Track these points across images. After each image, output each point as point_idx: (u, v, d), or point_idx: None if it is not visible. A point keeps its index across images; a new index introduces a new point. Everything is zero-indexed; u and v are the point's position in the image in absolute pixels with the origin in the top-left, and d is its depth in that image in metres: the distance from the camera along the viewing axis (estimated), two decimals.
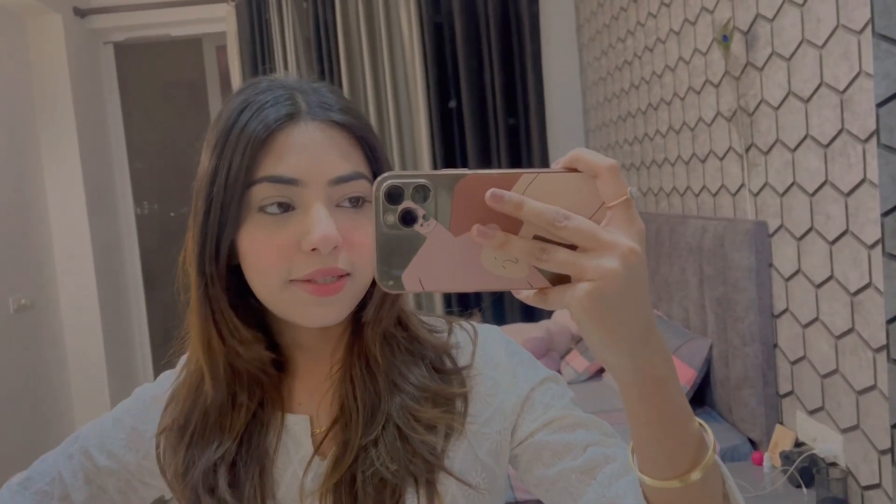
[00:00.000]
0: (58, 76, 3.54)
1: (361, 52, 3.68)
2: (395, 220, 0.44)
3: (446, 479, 0.69)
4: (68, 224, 3.61)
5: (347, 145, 0.68)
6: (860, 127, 1.56)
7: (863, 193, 1.57)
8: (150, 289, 4.17)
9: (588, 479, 0.66)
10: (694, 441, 0.51)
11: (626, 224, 0.44)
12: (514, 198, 0.43)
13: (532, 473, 0.71)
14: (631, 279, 0.43)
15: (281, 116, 0.65)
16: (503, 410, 0.73)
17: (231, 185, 0.64)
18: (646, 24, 2.83)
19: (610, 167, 0.44)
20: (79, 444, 0.80)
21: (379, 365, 0.72)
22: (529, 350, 3.00)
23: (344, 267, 0.65)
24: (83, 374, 3.66)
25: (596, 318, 0.44)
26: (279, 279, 0.65)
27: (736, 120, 2.13)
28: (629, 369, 0.47)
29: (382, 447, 0.68)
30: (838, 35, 1.61)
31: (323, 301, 0.65)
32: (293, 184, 0.64)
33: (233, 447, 0.71)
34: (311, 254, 0.64)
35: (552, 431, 0.70)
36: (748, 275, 2.03)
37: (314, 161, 0.65)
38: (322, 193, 0.65)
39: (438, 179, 0.44)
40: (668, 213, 2.78)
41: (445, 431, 0.70)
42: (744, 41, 2.05)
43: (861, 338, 1.61)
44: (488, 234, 0.44)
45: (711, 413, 2.35)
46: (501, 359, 0.76)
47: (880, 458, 1.58)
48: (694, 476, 0.51)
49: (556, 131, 3.88)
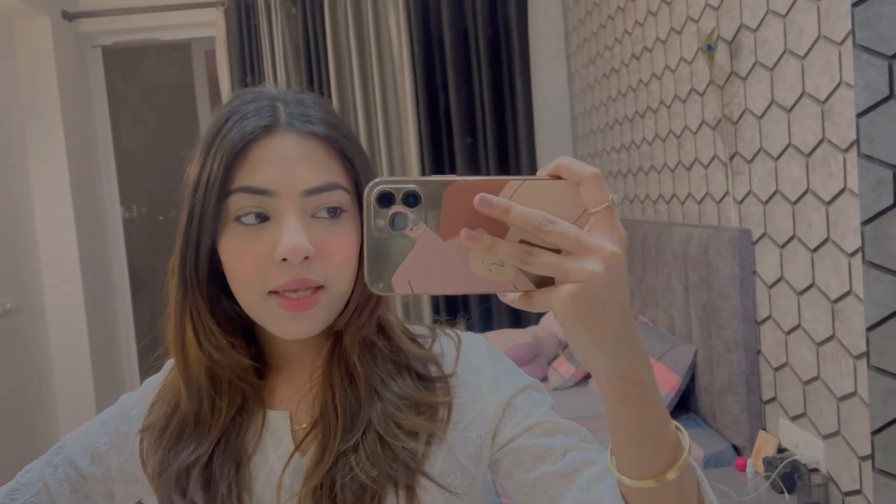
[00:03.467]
0: (45, 79, 3.53)
1: (350, 58, 3.69)
2: (385, 225, 0.46)
3: (426, 483, 0.70)
4: (55, 227, 3.59)
5: (325, 157, 0.68)
6: (841, 137, 1.58)
7: (843, 202, 1.59)
8: (137, 293, 4.15)
9: (567, 482, 0.67)
10: (670, 442, 0.53)
11: (608, 229, 0.46)
12: (501, 203, 0.45)
13: (513, 478, 0.72)
14: (613, 282, 0.45)
15: (258, 127, 0.66)
16: (484, 416, 0.74)
17: (209, 194, 0.66)
18: (633, 33, 2.86)
19: (593, 175, 0.46)
20: (63, 453, 0.81)
21: (359, 372, 0.73)
22: (517, 356, 3.03)
23: (317, 279, 0.66)
24: (69, 379, 3.64)
25: (579, 320, 0.46)
26: (257, 290, 0.66)
27: (720, 128, 2.15)
28: (610, 370, 0.49)
29: (363, 453, 0.69)
30: (820, 46, 1.63)
31: (296, 316, 0.66)
32: (266, 194, 0.65)
33: (208, 451, 0.72)
34: (283, 265, 0.64)
35: (533, 437, 0.71)
36: (732, 282, 2.05)
37: (288, 172, 0.66)
38: (295, 204, 0.65)
39: (428, 185, 0.46)
40: (654, 220, 2.80)
41: (427, 438, 0.71)
42: (728, 51, 2.07)
43: (842, 345, 1.63)
44: (476, 237, 0.46)
45: (696, 419, 2.37)
46: (484, 366, 0.77)
47: (861, 465, 1.60)
48: (670, 476, 0.53)
49: (544, 138, 3.90)
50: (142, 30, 3.84)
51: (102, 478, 0.79)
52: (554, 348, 3.20)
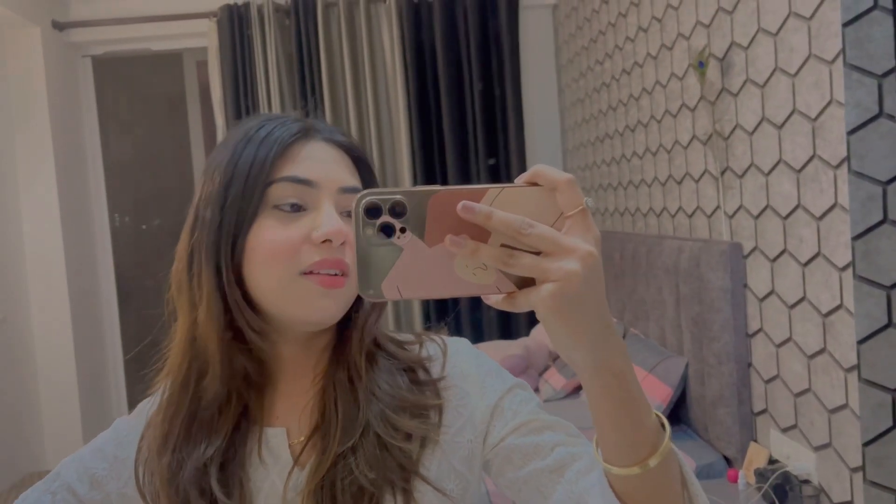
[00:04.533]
0: (35, 89, 3.51)
1: (343, 69, 3.71)
2: (374, 234, 0.49)
3: (422, 486, 0.72)
4: (42, 237, 3.57)
5: (351, 164, 0.78)
6: (831, 153, 1.61)
7: (834, 218, 1.62)
8: (124, 302, 4.12)
9: (557, 477, 0.70)
10: (652, 430, 0.57)
11: (584, 231, 0.49)
12: (483, 209, 0.48)
13: (504, 476, 0.75)
14: (590, 279, 0.48)
15: (301, 130, 0.75)
16: (473, 420, 0.77)
17: (252, 184, 0.70)
18: (624, 48, 2.89)
19: (567, 181, 0.49)
20: (60, 480, 0.80)
21: (360, 377, 0.75)
22: (508, 367, 3.04)
23: (349, 261, 0.71)
24: (54, 389, 3.60)
25: (560, 316, 0.49)
26: (289, 271, 0.70)
27: (711, 143, 2.18)
28: (590, 363, 0.52)
29: (361, 455, 0.71)
30: (810, 64, 1.67)
31: (328, 293, 0.70)
32: (309, 185, 0.72)
33: (222, 447, 0.73)
34: (322, 246, 0.70)
35: (521, 435, 0.74)
36: (723, 295, 2.08)
37: (328, 169, 0.74)
38: (332, 197, 0.73)
39: (413, 195, 0.49)
40: (644, 233, 2.83)
41: (421, 441, 0.74)
42: (719, 68, 2.11)
43: (833, 358, 1.66)
44: (461, 243, 0.48)
45: (687, 431, 2.39)
46: (470, 370, 0.80)
47: (852, 476, 1.62)
48: (652, 462, 0.56)
49: (535, 150, 3.93)
50: (133, 40, 3.84)
51: (101, 502, 0.79)
52: (545, 359, 3.21)
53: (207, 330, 0.72)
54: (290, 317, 0.72)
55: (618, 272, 2.96)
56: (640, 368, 2.48)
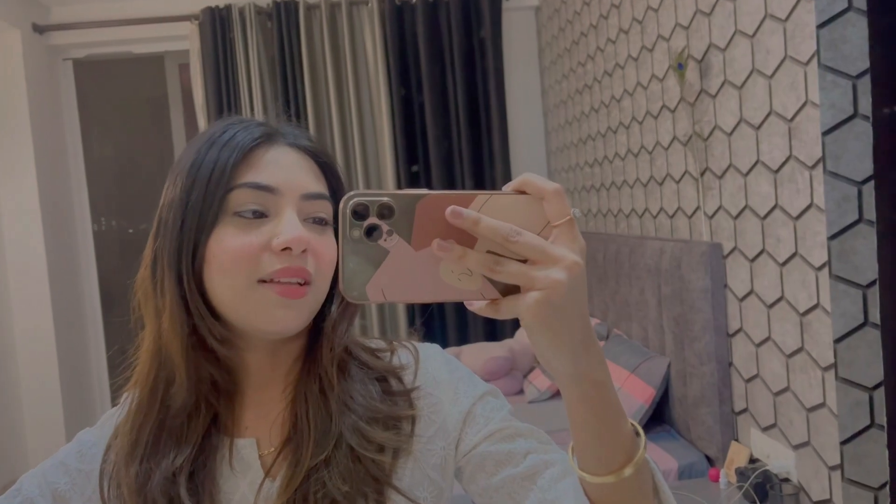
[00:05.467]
0: (15, 92, 3.48)
1: (326, 72, 3.70)
2: (360, 235, 0.48)
3: (396, 496, 0.71)
4: (23, 241, 3.54)
5: (316, 169, 0.76)
6: (807, 154, 1.62)
7: (810, 217, 1.63)
8: (108, 307, 4.09)
9: (529, 484, 0.70)
10: (627, 440, 0.57)
11: (570, 241, 0.49)
12: (471, 215, 0.48)
13: (476, 483, 0.75)
14: (574, 289, 0.48)
15: (264, 134, 0.73)
16: (446, 427, 0.76)
17: (212, 190, 0.69)
18: (605, 50, 2.91)
19: (555, 191, 0.49)
20: (22, 495, 0.77)
21: (332, 387, 0.74)
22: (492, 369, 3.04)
23: (309, 269, 0.70)
24: (36, 395, 3.57)
25: (544, 324, 0.49)
26: (247, 278, 0.68)
27: (691, 145, 2.19)
28: (571, 371, 0.52)
29: (335, 468, 0.70)
30: (786, 66, 1.68)
31: (288, 304, 0.69)
32: (270, 191, 0.70)
33: (191, 456, 0.72)
34: (282, 254, 0.68)
35: (493, 442, 0.74)
36: (704, 295, 2.09)
37: (290, 175, 0.72)
38: (295, 204, 0.71)
39: (401, 198, 0.48)
40: (627, 234, 2.84)
41: (394, 451, 0.73)
42: (698, 69, 2.12)
43: (810, 357, 1.67)
44: (448, 247, 0.48)
45: (670, 431, 2.40)
46: (443, 376, 0.80)
47: (830, 474, 1.63)
48: (627, 471, 0.57)
49: (519, 153, 3.94)
50: (114, 43, 3.81)
51: None
52: (529, 361, 3.22)
53: (171, 338, 0.71)
54: (249, 326, 0.70)
55: (601, 273, 2.97)
56: (622, 369, 2.49)
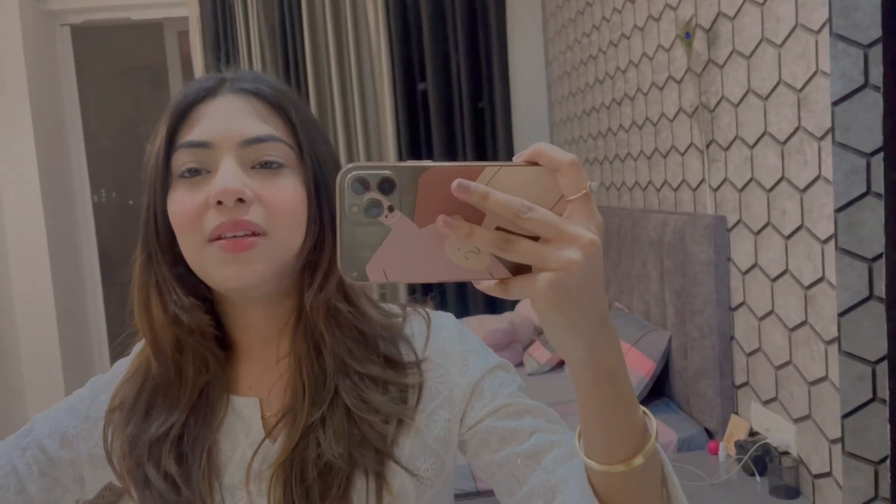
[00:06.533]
0: (12, 59, 3.43)
1: (327, 39, 3.65)
2: (359, 211, 0.45)
3: (395, 467, 0.70)
4: (22, 212, 3.51)
5: (265, 112, 0.71)
6: (816, 125, 1.60)
7: (817, 190, 1.61)
8: (108, 278, 4.09)
9: (533, 463, 0.68)
10: (638, 428, 0.54)
11: (586, 217, 0.45)
12: (480, 188, 0.44)
13: (479, 458, 0.73)
14: (590, 270, 0.45)
15: (201, 90, 0.70)
16: (452, 399, 0.74)
17: (158, 157, 0.69)
18: (611, 20, 2.86)
19: (571, 162, 0.45)
20: (32, 436, 0.79)
21: (325, 341, 0.72)
22: (492, 342, 3.03)
23: (255, 221, 0.66)
24: (37, 365, 3.58)
25: (556, 307, 0.45)
26: (197, 239, 0.67)
27: (697, 116, 2.16)
28: (584, 357, 0.49)
29: (330, 428, 0.68)
30: (797, 34, 1.64)
31: (235, 258, 0.66)
32: (204, 146, 0.68)
33: (179, 422, 0.71)
34: (220, 208, 0.66)
35: (500, 418, 0.72)
36: (707, 268, 2.07)
37: (226, 125, 0.68)
38: (232, 154, 0.68)
39: (403, 171, 0.45)
40: (630, 207, 2.82)
41: (397, 421, 0.71)
42: (706, 39, 2.08)
43: (814, 330, 1.66)
44: (454, 224, 0.44)
45: (669, 404, 2.40)
46: (453, 347, 0.77)
47: (831, 448, 1.63)
48: (637, 461, 0.53)
49: (522, 124, 3.90)
50: (112, 8, 3.75)
51: (72, 462, 0.78)
52: (529, 334, 3.22)
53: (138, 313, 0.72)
54: (213, 285, 0.69)
55: (603, 246, 2.96)
56: (623, 342, 2.48)
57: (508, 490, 0.70)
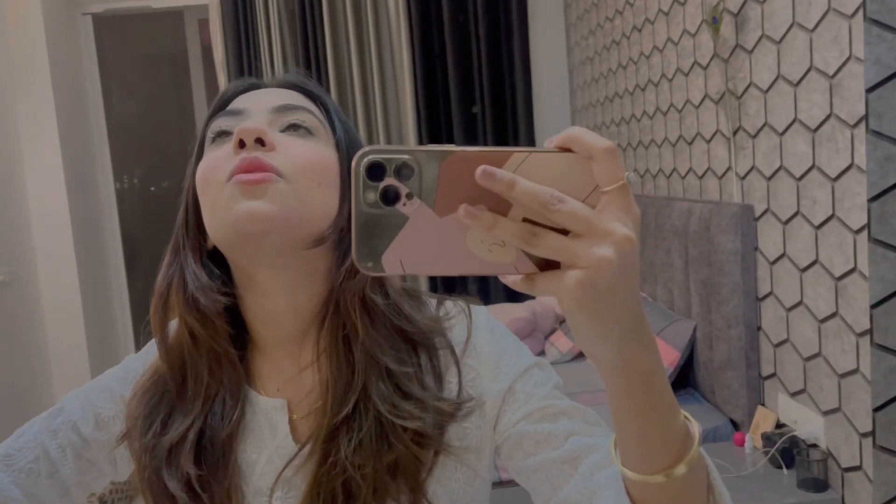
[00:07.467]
0: (35, 48, 3.45)
1: (347, 26, 3.63)
2: (375, 199, 0.42)
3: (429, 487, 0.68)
4: (47, 199, 3.55)
5: (302, 99, 0.72)
6: (849, 112, 1.56)
7: (849, 179, 1.57)
8: (131, 264, 4.12)
9: (570, 469, 0.64)
10: (679, 435, 0.50)
11: (622, 210, 0.42)
12: (506, 176, 0.40)
13: (513, 462, 0.70)
14: (624, 269, 0.41)
15: (247, 84, 0.74)
16: (483, 406, 0.71)
17: (200, 136, 0.72)
18: (634, 4, 2.81)
19: (607, 149, 0.41)
20: (64, 416, 0.76)
21: (357, 334, 0.68)
22: (514, 331, 3.02)
23: (273, 163, 0.64)
24: (63, 352, 3.62)
25: (585, 308, 0.42)
26: (217, 184, 0.65)
27: (724, 103, 2.12)
28: (616, 361, 0.46)
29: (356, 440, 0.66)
30: (829, 19, 1.60)
31: (250, 191, 0.63)
32: (237, 114, 0.69)
33: (196, 427, 0.69)
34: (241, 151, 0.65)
35: (534, 421, 0.69)
36: (733, 258, 2.04)
37: (262, 97, 0.71)
38: (265, 118, 0.69)
39: (423, 156, 0.42)
40: (654, 195, 2.79)
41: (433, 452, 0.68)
42: (733, 23, 2.04)
43: (845, 322, 1.63)
44: (477, 214, 0.41)
45: (694, 394, 2.37)
46: (485, 347, 0.73)
47: (861, 441, 1.60)
48: (679, 470, 0.50)
49: (543, 111, 3.86)
50: None
51: (107, 443, 0.76)
52: (551, 323, 3.20)
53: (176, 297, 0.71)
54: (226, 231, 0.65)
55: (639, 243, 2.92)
56: None
57: (543, 496, 0.67)
